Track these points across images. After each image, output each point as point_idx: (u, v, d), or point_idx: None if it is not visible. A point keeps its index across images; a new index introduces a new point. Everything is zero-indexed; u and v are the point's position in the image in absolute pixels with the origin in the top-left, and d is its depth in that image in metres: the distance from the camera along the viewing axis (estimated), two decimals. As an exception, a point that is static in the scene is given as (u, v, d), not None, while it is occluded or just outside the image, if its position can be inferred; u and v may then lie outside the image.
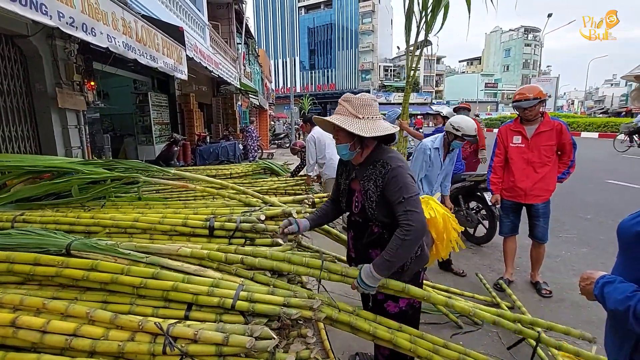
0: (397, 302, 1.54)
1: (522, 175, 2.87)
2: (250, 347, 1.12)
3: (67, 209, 1.92)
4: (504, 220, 3.07)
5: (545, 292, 2.90)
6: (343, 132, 1.44)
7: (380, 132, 1.40)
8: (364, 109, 1.44)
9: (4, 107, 4.10)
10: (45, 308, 1.20)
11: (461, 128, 2.85)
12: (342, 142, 1.47)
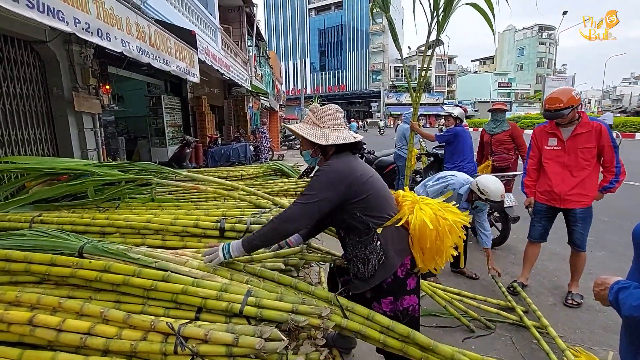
0: (380, 305, 1.53)
1: (558, 179, 2.72)
2: (260, 348, 1.12)
3: (82, 210, 1.97)
4: (535, 224, 2.95)
5: (570, 302, 2.76)
6: (305, 139, 1.55)
7: (334, 141, 1.49)
8: (326, 118, 1.53)
9: (23, 110, 4.23)
10: (61, 307, 1.23)
11: (486, 192, 2.64)
12: (305, 148, 1.59)
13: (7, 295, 1.26)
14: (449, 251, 1.56)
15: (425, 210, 1.54)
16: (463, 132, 4.13)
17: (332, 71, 58.58)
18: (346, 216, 1.49)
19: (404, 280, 1.52)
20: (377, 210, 1.49)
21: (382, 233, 1.48)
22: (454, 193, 2.81)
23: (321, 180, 1.43)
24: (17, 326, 1.17)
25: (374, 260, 1.46)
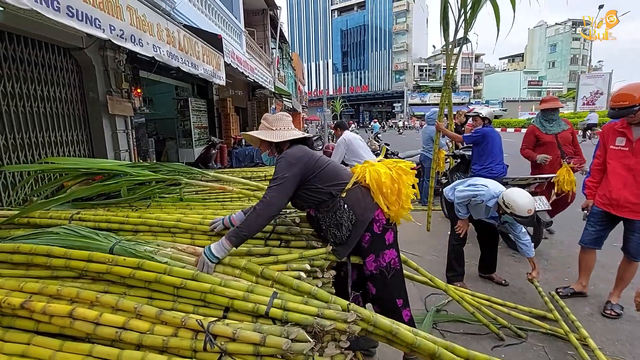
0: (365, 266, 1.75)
1: (618, 182, 2.50)
2: (286, 349, 1.12)
3: (117, 209, 2.05)
4: (587, 228, 2.77)
5: (609, 313, 2.58)
6: (264, 142, 1.80)
7: (286, 138, 1.73)
8: (277, 122, 1.78)
9: (62, 113, 4.47)
10: (98, 301, 1.29)
11: (511, 207, 2.47)
12: (264, 150, 1.84)
13: (49, 288, 1.33)
14: (409, 191, 1.79)
15: (376, 165, 1.78)
16: (492, 133, 4.00)
17: (355, 72, 58.34)
18: (311, 192, 1.69)
19: (382, 236, 1.72)
20: (336, 179, 1.71)
21: (346, 197, 1.69)
22: (483, 205, 2.71)
23: (283, 164, 1.63)
24: (58, 318, 1.24)
25: (345, 222, 1.66)
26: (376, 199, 1.72)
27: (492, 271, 3.17)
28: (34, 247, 1.54)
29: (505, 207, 2.51)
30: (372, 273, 1.74)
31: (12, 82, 3.80)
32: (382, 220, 1.73)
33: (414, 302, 2.83)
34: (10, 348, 1.19)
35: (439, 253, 3.79)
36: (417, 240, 4.27)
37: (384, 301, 1.78)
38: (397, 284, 1.80)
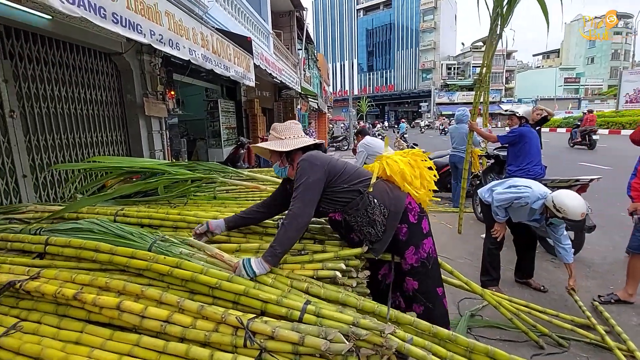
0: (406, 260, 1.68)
1: None
2: (325, 350, 1.13)
3: (156, 206, 2.14)
4: (635, 233, 2.64)
5: None
6: (274, 153, 1.73)
7: (297, 145, 1.68)
8: (286, 131, 1.73)
9: (103, 115, 4.72)
10: (143, 295, 1.34)
11: (563, 210, 2.36)
12: (274, 161, 1.77)
13: (98, 280, 1.40)
14: (428, 174, 1.79)
15: (391, 157, 1.77)
16: (529, 133, 3.83)
17: (380, 71, 57.71)
18: (338, 194, 1.64)
19: (419, 225, 1.69)
20: (358, 177, 1.68)
21: (374, 191, 1.65)
22: (527, 207, 2.59)
23: (304, 170, 1.57)
24: (107, 310, 1.30)
25: (378, 217, 1.62)
26: (403, 188, 1.70)
27: (530, 276, 3.04)
28: (83, 242, 1.62)
29: (556, 210, 2.39)
30: (413, 267, 1.68)
31: (59, 85, 4.05)
32: (415, 208, 1.70)
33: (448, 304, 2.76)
34: (66, 335, 1.26)
35: (471, 256, 3.67)
36: (448, 243, 4.16)
37: (427, 294, 1.71)
38: (437, 273, 1.77)
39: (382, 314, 1.42)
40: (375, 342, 1.23)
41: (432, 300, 1.71)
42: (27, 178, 3.67)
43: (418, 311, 1.70)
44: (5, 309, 1.42)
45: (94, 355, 1.18)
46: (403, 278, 1.73)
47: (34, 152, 3.77)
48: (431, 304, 1.69)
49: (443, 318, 1.75)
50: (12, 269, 1.51)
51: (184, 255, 1.54)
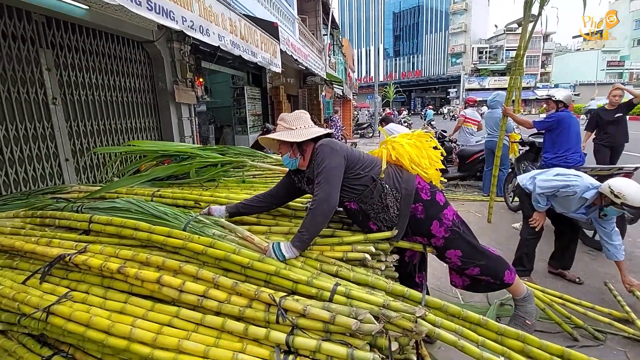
0: (435, 235, 1.67)
1: None
2: (356, 329, 1.14)
3: (189, 188, 2.22)
4: None
5: None
6: (283, 144, 1.70)
7: (309, 136, 1.64)
8: (296, 121, 1.69)
9: (136, 102, 4.90)
10: (181, 270, 1.41)
11: (622, 196, 2.21)
12: (284, 152, 1.72)
13: (139, 256, 1.48)
14: (433, 153, 1.79)
15: (396, 141, 1.77)
16: (568, 118, 3.61)
17: (407, 56, 56.03)
18: (354, 181, 1.63)
19: (433, 199, 1.68)
20: (371, 164, 1.68)
21: (385, 178, 1.65)
22: (575, 196, 2.44)
23: (325, 155, 1.56)
24: (149, 284, 1.38)
25: (392, 202, 1.62)
26: (411, 170, 1.71)
27: (568, 267, 2.92)
28: (123, 220, 1.71)
29: (614, 197, 2.25)
30: (445, 237, 1.67)
31: (95, 74, 4.22)
32: (426, 186, 1.70)
33: (476, 294, 2.72)
34: (111, 305, 1.35)
35: (500, 245, 3.57)
36: (477, 232, 4.00)
37: (474, 255, 1.71)
38: (470, 231, 1.79)
39: (412, 297, 1.42)
40: (405, 326, 1.23)
41: (482, 257, 1.72)
42: (69, 162, 3.89)
43: (475, 273, 1.72)
44: (57, 279, 1.54)
45: (137, 325, 1.25)
46: (444, 255, 1.72)
47: (75, 137, 3.98)
48: (483, 261, 1.71)
49: (501, 263, 1.77)
50: (62, 243, 1.62)
51: (217, 236, 1.60)
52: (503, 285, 1.79)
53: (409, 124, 17.43)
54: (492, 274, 1.73)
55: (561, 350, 1.33)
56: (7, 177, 3.34)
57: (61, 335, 1.36)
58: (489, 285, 1.81)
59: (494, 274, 1.73)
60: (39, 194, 2.45)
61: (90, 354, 1.38)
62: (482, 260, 1.71)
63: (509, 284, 1.79)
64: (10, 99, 3.34)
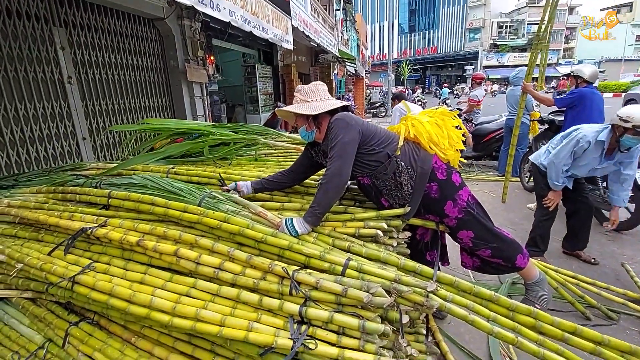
0: (448, 216, 1.65)
1: None
2: (367, 302, 1.16)
3: (203, 166, 2.25)
4: None
5: None
6: (299, 117, 1.69)
7: (326, 108, 1.62)
8: (312, 93, 1.67)
9: (149, 81, 4.91)
10: (197, 244, 1.45)
11: (631, 118, 2.19)
12: (300, 125, 1.72)
13: (157, 230, 1.53)
14: (456, 133, 1.75)
15: (416, 118, 1.73)
16: (591, 95, 3.47)
17: (422, 32, 54.03)
18: (368, 156, 1.61)
19: (449, 179, 1.66)
20: (387, 140, 1.64)
21: (401, 155, 1.63)
22: (592, 146, 2.38)
23: (339, 129, 1.55)
24: (166, 256, 1.43)
25: (406, 180, 1.60)
26: (429, 149, 1.67)
27: (582, 247, 2.87)
28: (140, 196, 1.76)
29: (624, 122, 2.22)
30: (459, 218, 1.66)
31: (108, 52, 4.23)
32: (442, 166, 1.67)
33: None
34: (132, 276, 1.41)
35: (515, 226, 3.54)
36: (490, 212, 3.96)
37: (486, 237, 1.69)
38: (484, 213, 1.76)
39: (424, 273, 1.43)
40: (417, 301, 1.25)
41: (495, 240, 1.69)
42: (86, 140, 3.98)
43: (487, 255, 1.71)
44: (80, 251, 1.60)
45: (157, 294, 1.31)
46: (456, 235, 1.71)
47: (91, 116, 4.05)
48: (496, 243, 1.69)
49: (514, 247, 1.75)
50: (83, 217, 1.68)
51: (231, 212, 1.62)
52: (514, 269, 1.77)
53: (422, 103, 17.03)
54: (504, 257, 1.71)
55: (573, 327, 1.33)
56: (28, 155, 3.44)
57: (86, 303, 1.43)
58: (499, 268, 1.79)
59: (505, 257, 1.72)
60: (59, 171, 2.52)
61: (114, 321, 1.45)
62: (495, 243, 1.69)
63: (520, 268, 1.77)
64: (28, 78, 3.39)
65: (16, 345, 1.53)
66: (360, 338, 1.14)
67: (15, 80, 3.27)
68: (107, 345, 1.37)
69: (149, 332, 1.38)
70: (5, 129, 3.22)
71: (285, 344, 1.12)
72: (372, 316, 1.18)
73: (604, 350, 1.30)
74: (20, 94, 3.33)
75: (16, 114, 3.30)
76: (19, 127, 3.34)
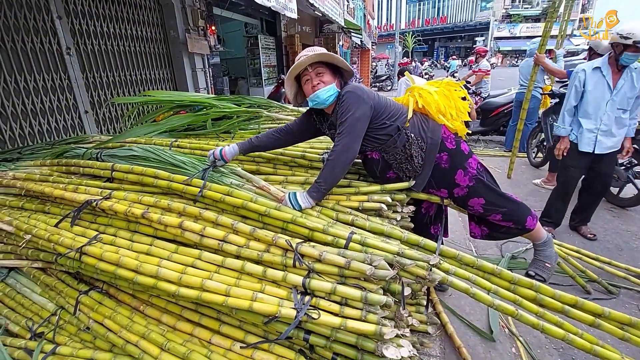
0: (458, 184, 1.63)
1: None
2: (370, 275, 1.17)
3: (206, 139, 2.22)
4: None
5: None
6: (328, 73, 1.55)
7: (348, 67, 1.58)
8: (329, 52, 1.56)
9: (149, 52, 4.79)
10: (201, 216, 1.46)
11: (632, 34, 2.17)
12: (328, 83, 1.54)
13: (161, 202, 1.53)
14: (463, 104, 1.71)
15: (423, 89, 1.68)
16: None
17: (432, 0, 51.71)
18: (378, 130, 1.56)
19: (458, 148, 1.64)
20: (397, 113, 1.60)
21: (410, 127, 1.59)
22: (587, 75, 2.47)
23: (351, 103, 1.48)
24: (171, 228, 1.44)
25: (416, 151, 1.57)
26: (438, 120, 1.65)
27: (586, 222, 2.87)
28: (143, 169, 1.75)
29: (624, 39, 2.23)
30: (469, 186, 1.63)
31: (107, 22, 4.11)
32: (450, 136, 1.65)
33: (489, 247, 2.74)
34: (138, 247, 1.43)
35: (519, 202, 3.52)
36: (494, 187, 3.99)
37: (496, 202, 1.66)
38: (492, 179, 1.74)
39: (427, 247, 1.44)
40: (419, 274, 1.25)
41: (505, 203, 1.67)
42: (88, 114, 3.95)
43: (497, 219, 1.69)
44: (86, 223, 1.62)
45: (163, 265, 1.33)
46: (467, 204, 1.69)
47: (92, 89, 3.99)
48: (506, 207, 1.67)
49: (523, 209, 1.72)
50: (88, 190, 1.69)
51: (234, 185, 1.62)
52: (524, 230, 1.74)
53: (430, 76, 16.59)
54: (515, 219, 1.69)
55: (574, 299, 1.34)
56: (32, 128, 3.43)
57: (94, 273, 1.46)
58: (509, 232, 1.77)
59: (516, 220, 1.69)
60: (62, 144, 2.51)
61: (123, 290, 1.49)
62: (505, 207, 1.66)
63: (530, 230, 1.75)
64: (26, 49, 3.32)
65: (30, 312, 1.59)
66: (362, 309, 1.16)
67: (13, 52, 3.21)
68: (117, 312, 1.41)
69: (157, 301, 1.42)
70: (6, 101, 3.20)
71: (289, 313, 1.14)
72: (374, 288, 1.19)
73: (603, 323, 1.32)
74: (20, 66, 3.28)
75: (17, 86, 3.26)
76: (20, 99, 3.31)
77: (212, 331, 1.31)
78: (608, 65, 2.43)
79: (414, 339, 1.37)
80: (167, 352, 1.24)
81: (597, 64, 2.46)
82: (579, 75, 2.51)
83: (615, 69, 2.40)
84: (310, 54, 1.51)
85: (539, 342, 1.89)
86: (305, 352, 1.23)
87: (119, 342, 1.32)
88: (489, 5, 44.79)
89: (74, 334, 1.46)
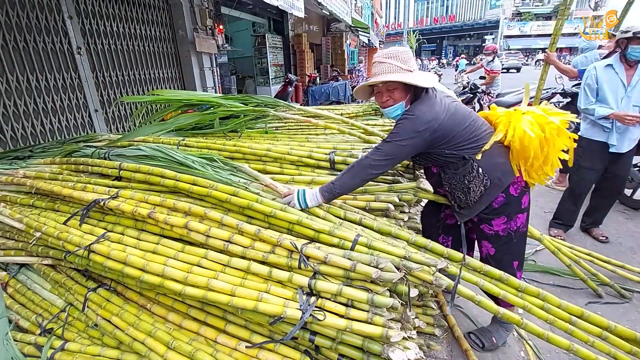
0: (491, 225, 1.52)
1: None
2: (376, 277, 1.16)
3: (213, 138, 2.23)
4: None
5: None
6: (399, 90, 1.41)
7: (432, 84, 1.38)
8: (411, 61, 1.40)
9: (158, 52, 4.83)
10: (207, 216, 1.46)
11: (631, 26, 2.27)
12: (398, 101, 1.43)
13: (167, 202, 1.54)
14: (558, 156, 1.45)
15: (524, 119, 1.41)
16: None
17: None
18: (436, 156, 1.45)
19: (519, 199, 1.48)
20: (471, 140, 1.41)
21: (482, 159, 1.41)
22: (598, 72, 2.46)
23: (407, 127, 1.35)
24: (177, 228, 1.44)
25: (476, 187, 1.43)
26: (513, 162, 1.44)
27: (598, 224, 2.81)
28: (150, 168, 1.76)
29: (624, 34, 2.31)
30: (498, 234, 1.52)
31: (117, 21, 4.15)
32: (521, 183, 1.47)
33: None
34: (145, 246, 1.44)
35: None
36: (503, 188, 3.94)
37: (500, 263, 1.54)
38: (520, 246, 1.59)
39: (434, 250, 1.42)
40: (425, 279, 1.23)
41: (506, 268, 1.48)
42: (98, 112, 3.99)
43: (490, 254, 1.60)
44: (94, 222, 1.64)
45: (170, 264, 1.34)
46: (481, 240, 1.60)
47: (102, 88, 4.04)
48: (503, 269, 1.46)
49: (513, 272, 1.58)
50: (96, 189, 1.71)
51: (241, 184, 1.62)
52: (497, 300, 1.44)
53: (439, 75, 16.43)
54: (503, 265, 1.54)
55: (580, 311, 1.32)
56: (43, 127, 3.48)
57: (102, 271, 1.47)
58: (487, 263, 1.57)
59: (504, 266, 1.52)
60: (72, 142, 2.54)
61: (130, 288, 1.50)
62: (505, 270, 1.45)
63: None
64: (37, 49, 3.37)
65: (40, 308, 1.61)
66: (368, 311, 1.15)
67: (25, 51, 3.26)
68: (124, 310, 1.43)
69: (164, 299, 1.43)
70: (18, 100, 3.25)
71: (294, 314, 1.13)
72: (380, 290, 1.18)
73: (611, 335, 1.30)
74: (32, 65, 3.33)
75: (29, 85, 3.31)
76: (32, 98, 3.36)
77: (218, 330, 1.31)
78: (620, 63, 2.41)
79: (420, 341, 1.35)
80: (173, 351, 1.25)
81: (609, 61, 2.45)
82: (591, 73, 2.50)
83: (627, 65, 2.39)
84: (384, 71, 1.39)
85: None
86: (310, 352, 1.22)
87: (126, 339, 1.33)
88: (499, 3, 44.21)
89: (82, 330, 1.48)
